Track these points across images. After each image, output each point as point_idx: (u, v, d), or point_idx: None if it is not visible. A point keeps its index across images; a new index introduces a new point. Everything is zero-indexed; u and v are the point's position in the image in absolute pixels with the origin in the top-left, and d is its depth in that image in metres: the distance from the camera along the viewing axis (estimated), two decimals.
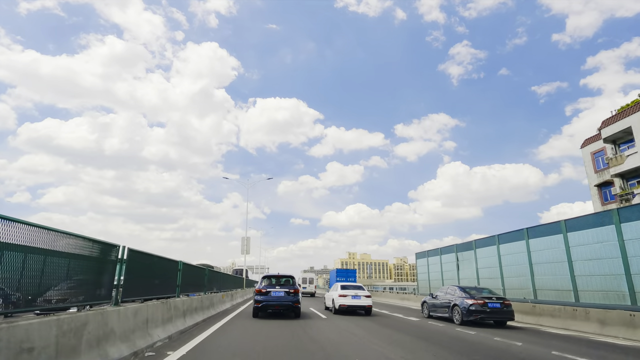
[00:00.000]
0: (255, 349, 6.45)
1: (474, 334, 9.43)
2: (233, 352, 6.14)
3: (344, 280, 35.35)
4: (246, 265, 31.99)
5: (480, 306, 11.07)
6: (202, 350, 6.13)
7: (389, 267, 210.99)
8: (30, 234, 3.53)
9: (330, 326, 10.41)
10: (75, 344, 3.88)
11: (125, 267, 5.73)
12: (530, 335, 9.47)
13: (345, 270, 38.56)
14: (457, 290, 12.35)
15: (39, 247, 3.68)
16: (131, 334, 5.38)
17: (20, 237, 3.38)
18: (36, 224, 3.62)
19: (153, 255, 7.28)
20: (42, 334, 3.36)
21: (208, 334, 7.96)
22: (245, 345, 6.81)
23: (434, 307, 13.58)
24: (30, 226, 3.54)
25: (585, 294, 11.57)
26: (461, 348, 7.17)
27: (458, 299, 11.85)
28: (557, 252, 12.89)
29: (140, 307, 5.95)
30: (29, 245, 3.51)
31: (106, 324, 4.62)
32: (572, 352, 6.98)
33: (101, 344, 4.43)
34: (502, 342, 8.07)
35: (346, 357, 6.02)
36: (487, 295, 11.56)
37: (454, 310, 11.93)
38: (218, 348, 6.45)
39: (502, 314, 11.17)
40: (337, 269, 38.92)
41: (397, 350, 6.72)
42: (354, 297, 14.54)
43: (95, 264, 4.96)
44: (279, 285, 13.00)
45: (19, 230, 3.37)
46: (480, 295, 11.64)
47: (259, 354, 6.01)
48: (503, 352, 6.90)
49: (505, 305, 11.26)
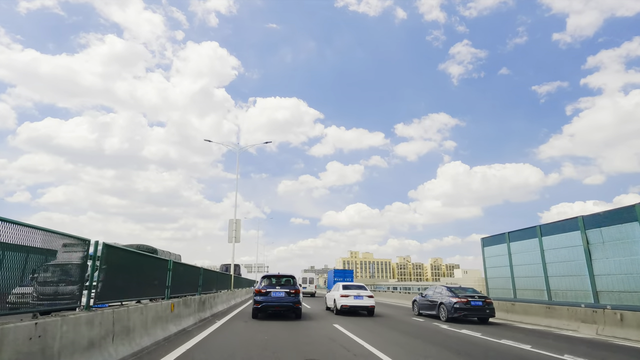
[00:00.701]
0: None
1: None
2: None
3: (342, 280, 36.01)
4: (237, 259, 28.74)
5: (463, 304, 12.12)
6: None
7: (392, 266, 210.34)
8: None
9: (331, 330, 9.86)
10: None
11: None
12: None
13: (342, 270, 39.78)
14: (444, 290, 13.45)
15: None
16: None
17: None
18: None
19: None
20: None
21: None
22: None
23: (422, 305, 14.56)
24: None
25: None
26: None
27: (445, 298, 12.87)
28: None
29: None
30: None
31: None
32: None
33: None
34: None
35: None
36: (470, 294, 12.57)
37: (440, 308, 12.98)
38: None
39: (484, 312, 12.20)
40: (334, 270, 39.80)
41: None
42: (357, 297, 14.25)
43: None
44: (280, 285, 12.78)
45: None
46: (464, 294, 12.66)
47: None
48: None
49: (487, 303, 12.32)
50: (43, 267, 4.11)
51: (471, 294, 12.69)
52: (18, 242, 3.62)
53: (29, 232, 3.78)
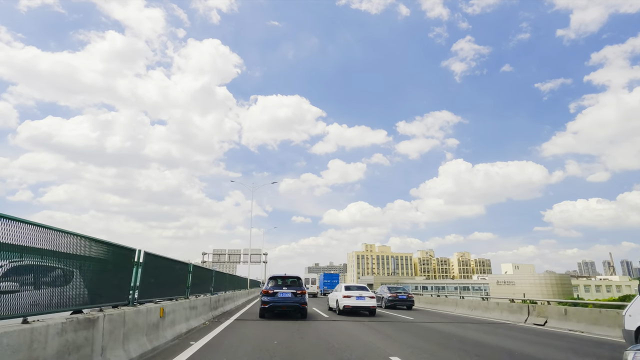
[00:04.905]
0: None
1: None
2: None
3: (329, 281, 46.89)
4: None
5: (394, 298, 21.82)
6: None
7: (414, 262, 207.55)
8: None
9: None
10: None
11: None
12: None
13: (330, 274, 51.77)
14: (385, 288, 23.20)
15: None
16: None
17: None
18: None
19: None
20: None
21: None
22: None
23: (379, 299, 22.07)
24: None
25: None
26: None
27: (385, 294, 22.43)
28: None
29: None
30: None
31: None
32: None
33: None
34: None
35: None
36: (400, 291, 22.46)
37: (382, 301, 22.29)
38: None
39: (406, 302, 21.93)
40: (324, 273, 51.34)
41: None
42: (358, 298, 16.20)
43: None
44: (286, 286, 14.19)
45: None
46: (396, 291, 22.63)
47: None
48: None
49: (409, 297, 21.99)
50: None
51: (401, 291, 22.70)
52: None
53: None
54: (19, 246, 3.74)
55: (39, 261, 4.21)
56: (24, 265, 3.94)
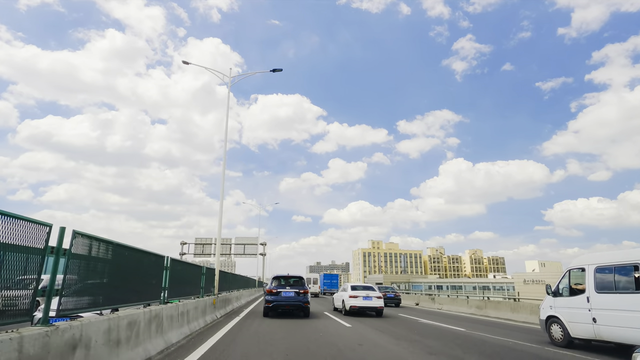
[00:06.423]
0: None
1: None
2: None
3: (329, 281, 49.36)
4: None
5: (383, 296, 20.23)
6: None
7: (424, 260, 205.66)
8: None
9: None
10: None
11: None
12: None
13: (329, 274, 53.28)
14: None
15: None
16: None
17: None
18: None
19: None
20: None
21: None
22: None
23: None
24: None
25: None
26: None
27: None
28: None
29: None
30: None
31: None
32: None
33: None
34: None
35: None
36: (388, 291, 26.50)
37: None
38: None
39: (394, 300, 26.03)
40: (323, 274, 52.94)
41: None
42: (365, 298, 16.57)
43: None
44: (289, 285, 15.32)
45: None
46: (385, 290, 26.14)
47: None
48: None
49: (397, 295, 26.44)
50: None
51: (390, 290, 27.01)
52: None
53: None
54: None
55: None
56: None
